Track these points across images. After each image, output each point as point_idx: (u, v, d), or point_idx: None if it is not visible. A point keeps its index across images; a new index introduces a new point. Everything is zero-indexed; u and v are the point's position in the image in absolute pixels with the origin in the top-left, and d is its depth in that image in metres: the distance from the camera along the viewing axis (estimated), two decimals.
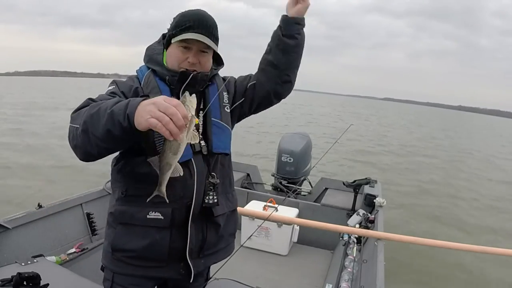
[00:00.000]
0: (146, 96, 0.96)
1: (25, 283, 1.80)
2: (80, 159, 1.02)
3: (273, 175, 4.41)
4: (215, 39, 1.21)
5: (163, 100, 0.86)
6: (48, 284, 1.85)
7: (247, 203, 3.53)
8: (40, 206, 2.46)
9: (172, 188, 1.06)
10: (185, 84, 1.19)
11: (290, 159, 4.16)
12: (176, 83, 1.20)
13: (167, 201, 1.03)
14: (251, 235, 2.78)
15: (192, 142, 0.99)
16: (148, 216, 1.15)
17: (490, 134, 35.14)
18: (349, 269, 2.61)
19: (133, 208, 1.17)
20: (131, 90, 1.17)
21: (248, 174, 4.46)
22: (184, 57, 1.18)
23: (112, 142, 0.95)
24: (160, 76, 1.22)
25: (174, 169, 0.98)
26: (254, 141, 13.34)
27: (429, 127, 32.61)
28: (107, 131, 0.91)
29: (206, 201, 1.20)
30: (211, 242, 1.27)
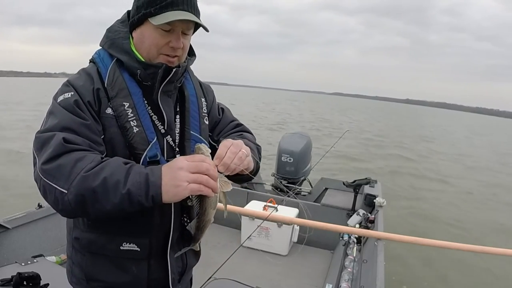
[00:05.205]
0: (155, 163, 0.92)
1: (25, 283, 1.80)
2: (64, 216, 0.89)
3: (273, 175, 4.40)
4: (199, 15, 0.97)
5: (186, 160, 0.81)
6: (48, 284, 1.85)
7: (247, 203, 3.53)
8: (40, 206, 2.46)
9: (149, 216, 0.98)
10: (164, 83, 0.99)
11: (290, 159, 4.16)
12: (150, 80, 0.97)
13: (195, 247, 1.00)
14: (250, 235, 2.78)
15: (224, 191, 0.93)
16: (121, 248, 0.99)
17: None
18: (349, 269, 2.61)
19: (102, 237, 0.99)
20: (93, 95, 0.93)
21: None
22: (165, 41, 0.95)
23: (120, 214, 0.84)
24: (129, 70, 0.97)
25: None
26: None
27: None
28: (120, 210, 0.80)
29: (186, 225, 1.07)
30: (190, 266, 1.18)
